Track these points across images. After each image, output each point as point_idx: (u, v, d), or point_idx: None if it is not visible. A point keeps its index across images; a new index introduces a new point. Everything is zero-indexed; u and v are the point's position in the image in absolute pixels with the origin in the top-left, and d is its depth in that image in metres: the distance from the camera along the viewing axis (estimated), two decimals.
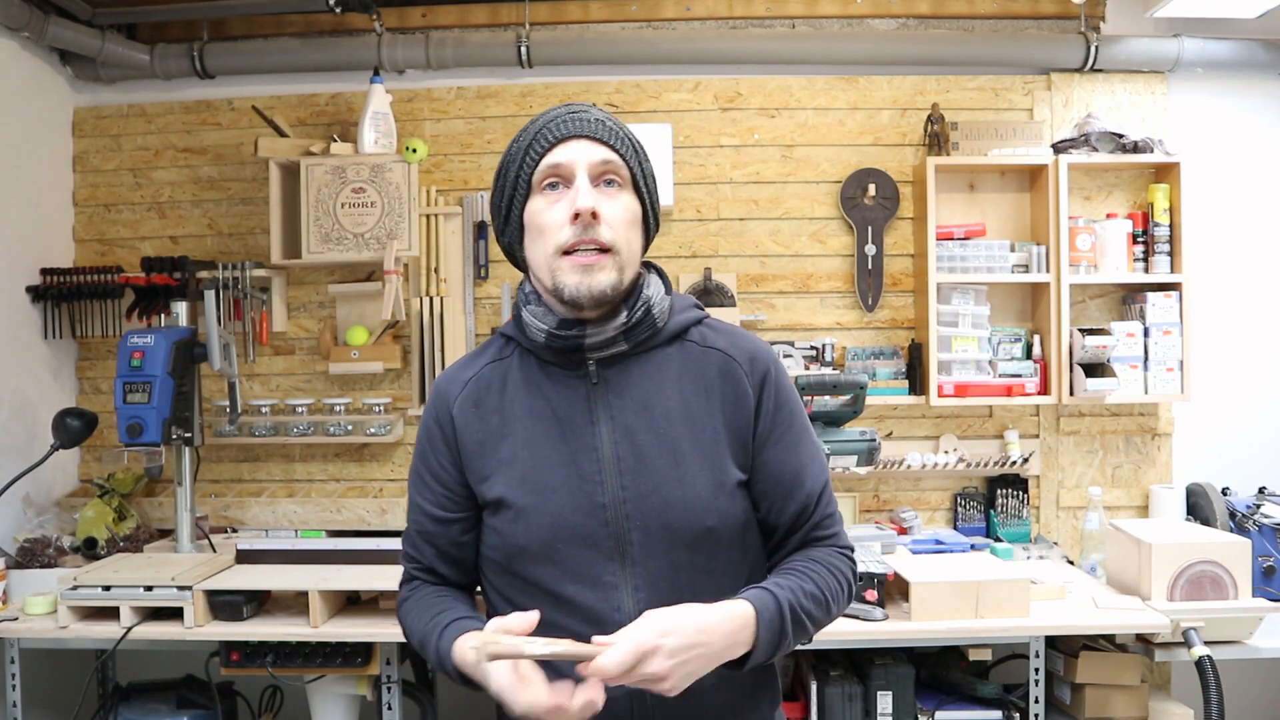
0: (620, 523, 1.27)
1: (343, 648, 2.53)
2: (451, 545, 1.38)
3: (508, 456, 1.32)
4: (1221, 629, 2.51)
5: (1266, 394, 3.32)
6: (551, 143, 1.29)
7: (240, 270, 3.23)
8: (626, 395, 1.31)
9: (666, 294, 1.37)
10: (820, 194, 3.32)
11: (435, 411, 1.39)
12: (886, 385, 3.17)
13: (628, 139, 1.34)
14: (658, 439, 1.29)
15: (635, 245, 1.32)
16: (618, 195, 1.30)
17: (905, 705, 2.62)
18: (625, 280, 1.30)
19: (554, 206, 1.28)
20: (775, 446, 1.34)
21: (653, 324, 1.33)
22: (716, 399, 1.33)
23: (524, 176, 1.31)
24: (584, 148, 1.29)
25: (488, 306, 3.34)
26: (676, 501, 1.27)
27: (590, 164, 1.28)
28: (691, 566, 1.28)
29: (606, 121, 1.32)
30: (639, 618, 1.16)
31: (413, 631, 1.38)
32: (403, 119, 3.29)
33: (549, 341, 1.31)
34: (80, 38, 3.13)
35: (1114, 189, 3.28)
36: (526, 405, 1.33)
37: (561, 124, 1.30)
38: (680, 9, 3.31)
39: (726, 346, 1.36)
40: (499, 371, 1.38)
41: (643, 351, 1.34)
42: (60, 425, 2.85)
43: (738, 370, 1.34)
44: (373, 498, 3.23)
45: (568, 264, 1.27)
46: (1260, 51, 3.21)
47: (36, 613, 2.55)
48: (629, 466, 1.28)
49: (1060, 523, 3.27)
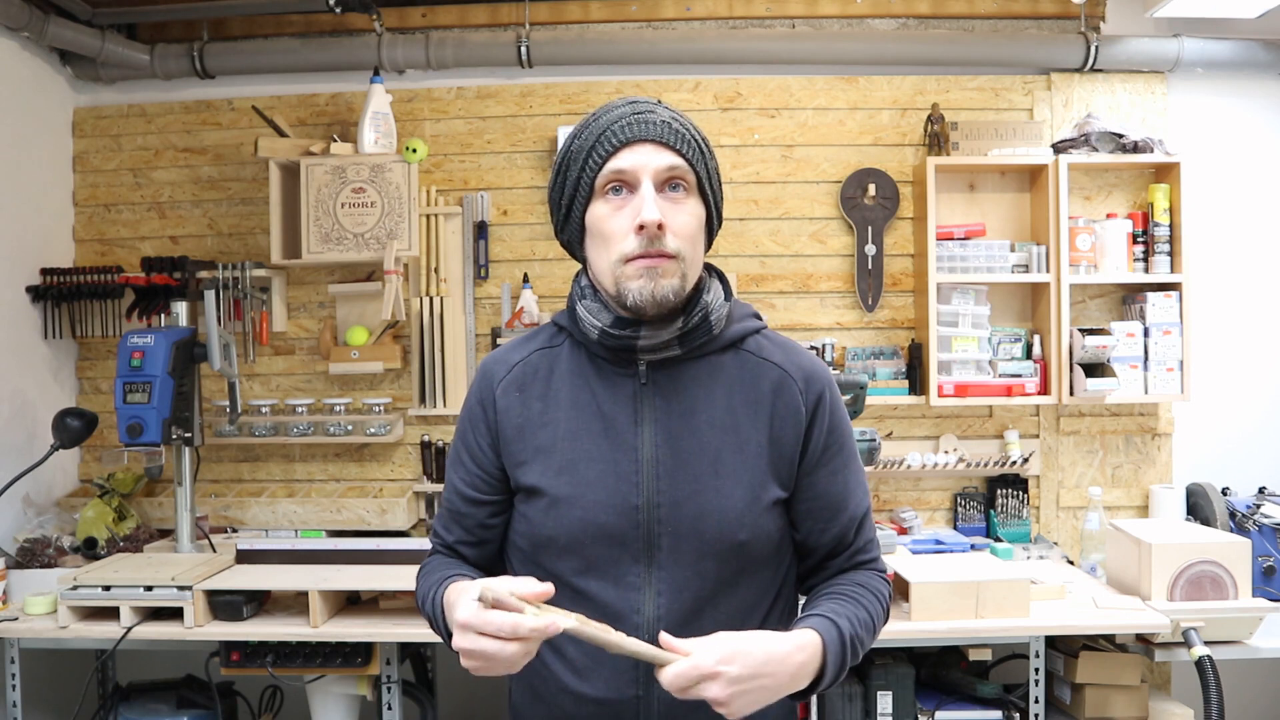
0: (652, 526, 1.26)
1: (343, 648, 2.53)
2: (479, 527, 1.37)
3: (546, 445, 1.30)
4: (1221, 629, 2.51)
5: (1266, 394, 3.32)
6: (616, 146, 1.24)
7: (240, 270, 3.23)
8: (674, 399, 1.29)
9: (726, 300, 1.35)
10: (820, 194, 3.32)
11: (479, 391, 1.37)
12: (886, 385, 3.17)
13: (694, 140, 1.28)
14: (699, 446, 1.28)
15: (699, 251, 1.30)
16: (684, 201, 1.27)
17: (905, 705, 2.62)
18: (688, 286, 1.27)
19: (618, 214, 1.25)
20: (823, 470, 1.33)
21: (709, 330, 1.30)
22: (765, 413, 1.31)
23: (586, 179, 1.27)
24: (649, 153, 1.24)
25: (488, 306, 3.34)
26: (711, 511, 1.26)
27: (656, 171, 1.24)
28: (717, 578, 1.27)
29: (673, 123, 1.27)
30: (711, 636, 1.14)
31: (421, 595, 1.37)
32: (403, 119, 3.30)
33: (602, 339, 1.29)
34: (80, 38, 3.13)
35: (1114, 189, 3.28)
36: (571, 396, 1.31)
37: (627, 126, 1.25)
38: (680, 9, 3.32)
39: (783, 361, 1.34)
40: (547, 359, 1.35)
41: (696, 357, 1.31)
42: (60, 425, 2.85)
43: (793, 388, 1.32)
44: (373, 498, 3.23)
45: (632, 269, 1.23)
46: (1260, 51, 3.21)
47: (36, 613, 2.55)
48: (667, 470, 1.26)
49: (1060, 523, 3.27)
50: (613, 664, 1.25)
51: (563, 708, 1.30)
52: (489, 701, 3.18)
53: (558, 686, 1.30)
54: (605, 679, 1.27)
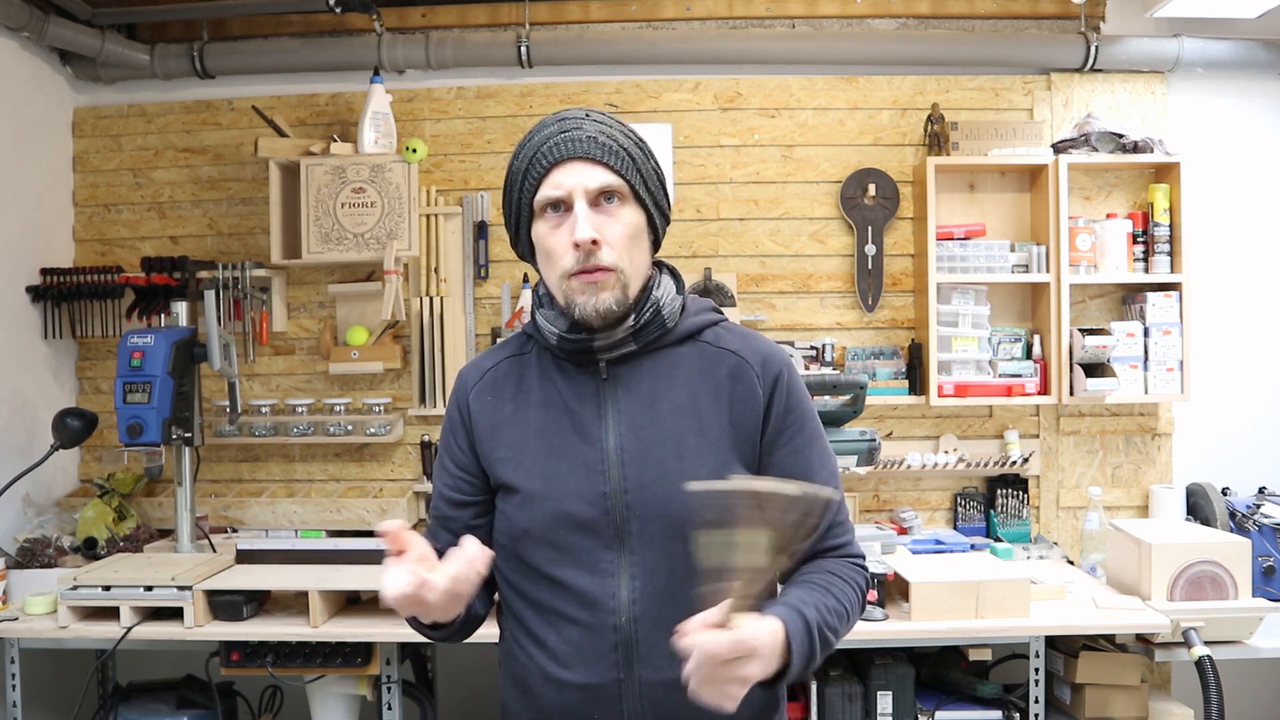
0: (620, 511, 1.30)
1: (343, 648, 2.53)
2: (465, 529, 1.40)
3: (519, 443, 1.36)
4: (1221, 629, 2.51)
5: (1266, 394, 3.32)
6: (546, 167, 1.30)
7: (240, 270, 3.23)
8: (634, 391, 1.35)
9: (678, 294, 1.39)
10: (820, 194, 3.32)
11: (456, 398, 1.45)
12: (886, 385, 3.17)
13: (625, 152, 1.32)
14: (661, 433, 1.32)
15: (640, 258, 1.34)
16: (618, 212, 1.31)
17: (905, 705, 2.62)
18: (631, 294, 1.32)
19: (556, 232, 1.31)
20: (783, 449, 1.36)
21: (661, 324, 1.36)
22: (725, 398, 1.35)
23: (525, 201, 1.33)
24: (578, 171, 1.29)
25: (488, 306, 3.34)
26: (676, 494, 1.29)
27: (587, 190, 1.29)
28: (688, 559, 1.28)
29: (600, 136, 1.31)
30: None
31: None
32: (403, 119, 3.30)
33: (561, 344, 1.36)
34: (80, 38, 3.13)
35: (1114, 189, 3.28)
36: (541, 397, 1.38)
37: (555, 147, 1.30)
38: (680, 9, 3.32)
39: (740, 348, 1.38)
40: (518, 365, 1.43)
41: (653, 350, 1.37)
42: (60, 425, 2.85)
43: (749, 371, 1.36)
44: (373, 498, 3.23)
45: (576, 283, 1.30)
46: (1260, 51, 3.21)
47: (36, 613, 2.55)
48: (632, 457, 1.31)
49: (1060, 523, 3.27)
50: (593, 649, 1.30)
51: (547, 696, 1.34)
52: (489, 701, 3.18)
53: (541, 676, 1.34)
54: (585, 664, 1.31)
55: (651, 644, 1.28)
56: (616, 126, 1.34)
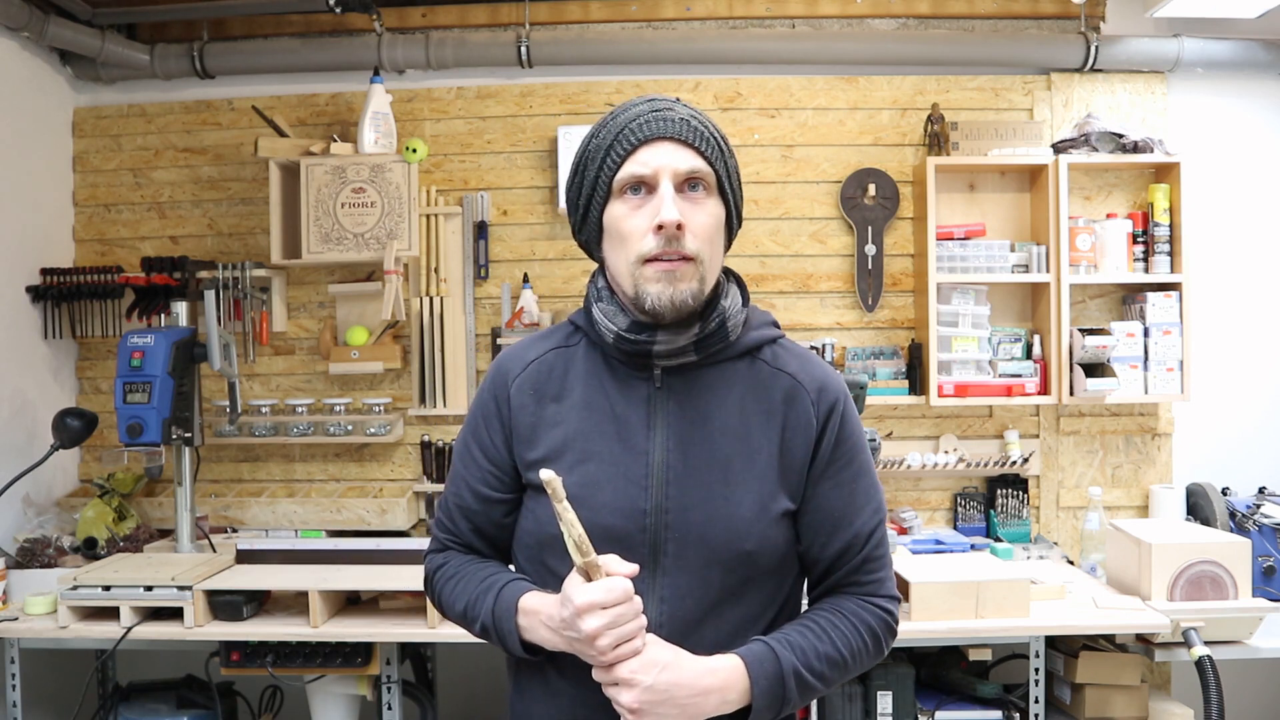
0: (659, 531, 1.24)
1: (343, 648, 2.53)
2: (490, 524, 1.36)
3: (558, 445, 1.29)
4: (1221, 629, 2.51)
5: (1266, 394, 3.32)
6: (634, 145, 1.23)
7: (240, 270, 3.23)
8: (688, 405, 1.28)
9: (743, 306, 1.33)
10: (820, 194, 3.32)
11: (493, 388, 1.36)
12: (886, 385, 3.17)
13: (715, 139, 1.27)
14: (710, 454, 1.26)
15: (718, 253, 1.28)
16: (703, 201, 1.25)
17: (905, 705, 2.62)
18: (707, 289, 1.25)
19: (637, 213, 1.23)
20: (828, 481, 1.30)
21: (725, 336, 1.29)
22: (778, 423, 1.29)
23: (604, 179, 1.26)
24: (669, 152, 1.23)
25: (488, 306, 3.34)
26: (719, 519, 1.24)
27: (675, 172, 1.23)
28: (721, 587, 1.25)
29: (692, 121, 1.25)
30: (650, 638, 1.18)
31: (457, 596, 1.34)
32: (403, 119, 3.29)
33: (618, 343, 1.28)
34: (80, 38, 3.13)
35: (1114, 189, 3.28)
36: (585, 397, 1.30)
37: (646, 124, 1.24)
38: (680, 9, 3.32)
39: (797, 372, 1.32)
40: (563, 358, 1.34)
41: (711, 363, 1.30)
42: (60, 425, 2.85)
43: (805, 398, 1.30)
44: (373, 498, 3.23)
45: (651, 271, 1.22)
46: (1260, 51, 3.21)
47: (36, 613, 2.55)
48: (677, 475, 1.25)
49: (1060, 523, 3.27)
50: None
51: (560, 712, 1.30)
52: (489, 701, 3.18)
53: (555, 692, 1.30)
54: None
55: None
56: (704, 116, 1.28)
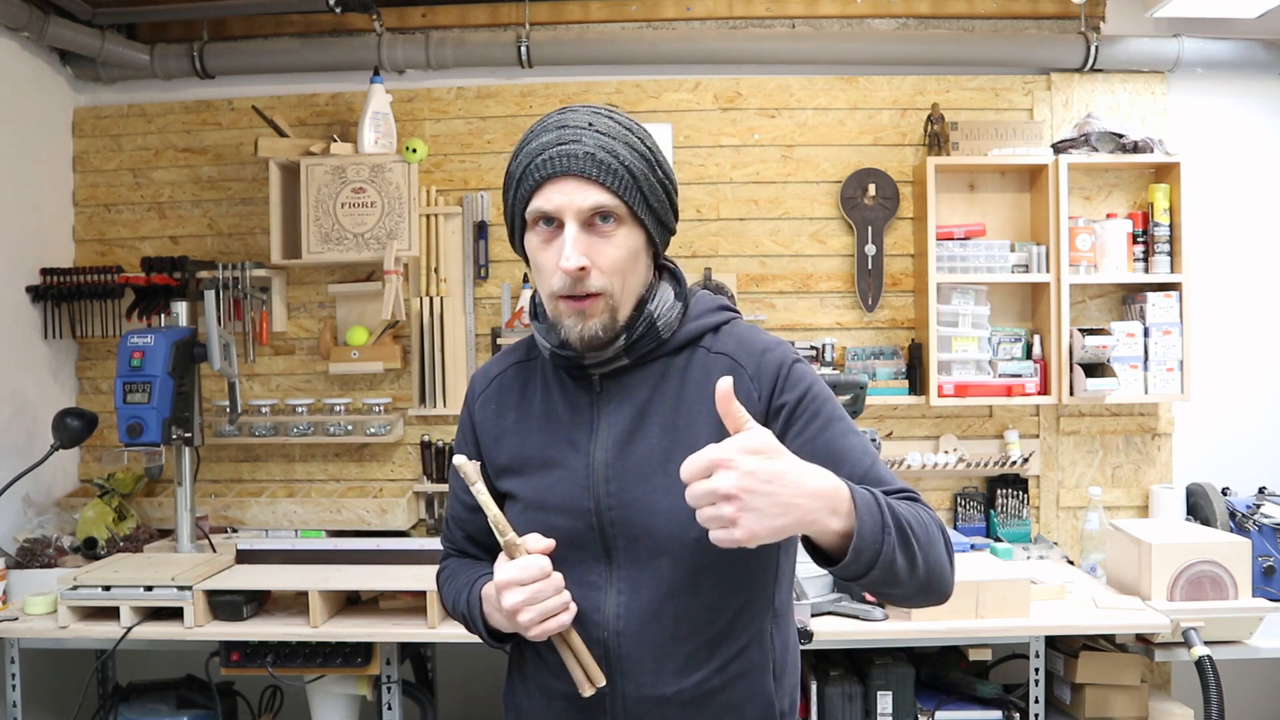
0: (604, 528, 1.28)
1: (343, 648, 2.53)
2: (480, 532, 1.40)
3: (519, 453, 1.36)
4: (1221, 629, 2.51)
5: (1266, 394, 3.32)
6: (539, 181, 1.22)
7: (240, 270, 3.23)
8: (626, 404, 1.31)
9: (677, 299, 1.33)
10: (820, 194, 3.32)
11: (465, 404, 1.44)
12: (886, 385, 3.17)
13: (625, 170, 1.22)
14: (648, 449, 1.28)
15: (634, 279, 1.27)
16: (612, 234, 1.24)
17: (905, 705, 2.62)
18: (621, 318, 1.27)
19: (547, 248, 1.25)
20: (800, 438, 1.25)
21: (656, 336, 1.30)
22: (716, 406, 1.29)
23: (518, 210, 1.28)
24: (572, 189, 1.21)
25: (488, 306, 3.34)
26: (660, 512, 1.25)
27: (578, 210, 1.21)
28: (674, 576, 1.26)
29: (599, 152, 1.21)
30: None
31: (448, 597, 1.45)
32: (403, 119, 3.30)
33: (553, 359, 1.33)
34: (80, 38, 3.13)
35: (1114, 189, 3.28)
36: (542, 407, 1.36)
37: (549, 161, 1.21)
38: (680, 9, 3.32)
39: (734, 350, 1.31)
40: (523, 372, 1.40)
41: (647, 362, 1.32)
42: (60, 425, 2.85)
43: (742, 374, 1.28)
44: (373, 498, 3.23)
45: (564, 306, 1.25)
46: (1260, 51, 3.21)
47: (36, 613, 2.55)
48: (615, 474, 1.28)
49: (1060, 523, 3.27)
50: None
51: (539, 705, 1.36)
52: (489, 701, 3.18)
53: (535, 685, 1.36)
54: None
55: (635, 659, 1.26)
56: (621, 137, 1.24)
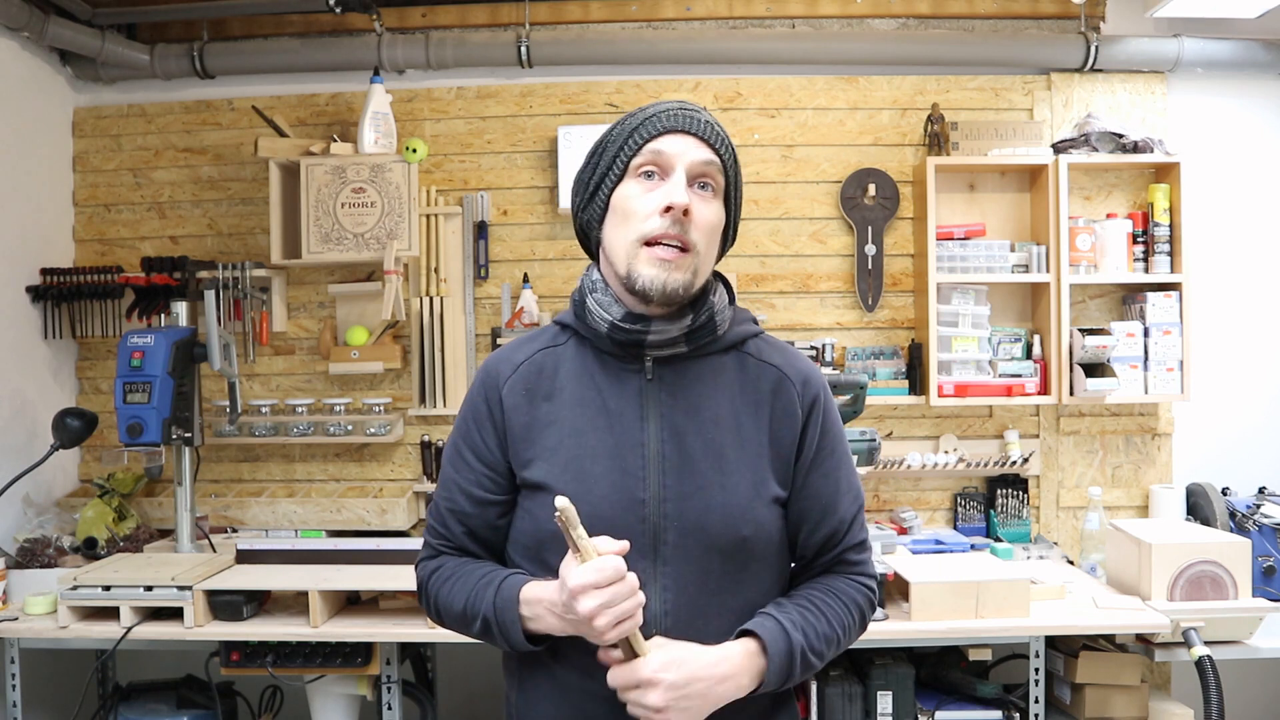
0: (658, 521, 1.26)
1: (343, 648, 2.53)
2: (485, 527, 1.36)
3: (553, 443, 1.30)
4: (1221, 629, 2.51)
5: (1266, 394, 3.32)
6: (658, 131, 1.28)
7: (240, 270, 3.23)
8: (679, 396, 1.31)
9: (729, 304, 1.38)
10: (820, 194, 3.32)
11: (484, 391, 1.36)
12: (886, 385, 3.17)
13: (731, 149, 1.34)
14: (704, 443, 1.29)
15: (713, 252, 1.32)
16: (710, 201, 1.30)
17: (905, 705, 2.62)
18: (697, 284, 1.30)
19: (647, 195, 1.28)
20: (817, 471, 1.35)
21: (714, 329, 1.33)
22: (765, 412, 1.33)
23: (622, 159, 1.30)
24: (690, 144, 1.28)
25: (488, 306, 3.34)
26: (717, 506, 1.27)
27: (692, 162, 1.28)
28: (721, 574, 1.28)
29: (715, 126, 1.32)
30: (652, 641, 1.22)
31: (455, 596, 1.33)
32: (403, 119, 3.30)
33: (612, 333, 1.30)
34: (80, 38, 3.13)
35: (1114, 189, 3.28)
36: (577, 394, 1.32)
37: (672, 116, 1.29)
38: (680, 9, 3.32)
39: (782, 364, 1.37)
40: (552, 358, 1.36)
41: (700, 356, 1.34)
42: (60, 425, 2.85)
43: (791, 390, 1.35)
44: (373, 498, 3.23)
45: (647, 254, 1.26)
46: (1260, 51, 3.21)
47: (36, 613, 2.55)
48: (673, 465, 1.28)
49: (1060, 523, 3.27)
50: None
51: (568, 706, 1.30)
52: (489, 701, 3.18)
53: (561, 686, 1.30)
54: None
55: None
56: (726, 131, 1.35)
